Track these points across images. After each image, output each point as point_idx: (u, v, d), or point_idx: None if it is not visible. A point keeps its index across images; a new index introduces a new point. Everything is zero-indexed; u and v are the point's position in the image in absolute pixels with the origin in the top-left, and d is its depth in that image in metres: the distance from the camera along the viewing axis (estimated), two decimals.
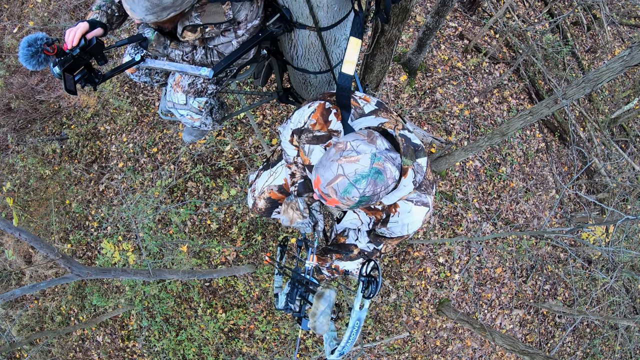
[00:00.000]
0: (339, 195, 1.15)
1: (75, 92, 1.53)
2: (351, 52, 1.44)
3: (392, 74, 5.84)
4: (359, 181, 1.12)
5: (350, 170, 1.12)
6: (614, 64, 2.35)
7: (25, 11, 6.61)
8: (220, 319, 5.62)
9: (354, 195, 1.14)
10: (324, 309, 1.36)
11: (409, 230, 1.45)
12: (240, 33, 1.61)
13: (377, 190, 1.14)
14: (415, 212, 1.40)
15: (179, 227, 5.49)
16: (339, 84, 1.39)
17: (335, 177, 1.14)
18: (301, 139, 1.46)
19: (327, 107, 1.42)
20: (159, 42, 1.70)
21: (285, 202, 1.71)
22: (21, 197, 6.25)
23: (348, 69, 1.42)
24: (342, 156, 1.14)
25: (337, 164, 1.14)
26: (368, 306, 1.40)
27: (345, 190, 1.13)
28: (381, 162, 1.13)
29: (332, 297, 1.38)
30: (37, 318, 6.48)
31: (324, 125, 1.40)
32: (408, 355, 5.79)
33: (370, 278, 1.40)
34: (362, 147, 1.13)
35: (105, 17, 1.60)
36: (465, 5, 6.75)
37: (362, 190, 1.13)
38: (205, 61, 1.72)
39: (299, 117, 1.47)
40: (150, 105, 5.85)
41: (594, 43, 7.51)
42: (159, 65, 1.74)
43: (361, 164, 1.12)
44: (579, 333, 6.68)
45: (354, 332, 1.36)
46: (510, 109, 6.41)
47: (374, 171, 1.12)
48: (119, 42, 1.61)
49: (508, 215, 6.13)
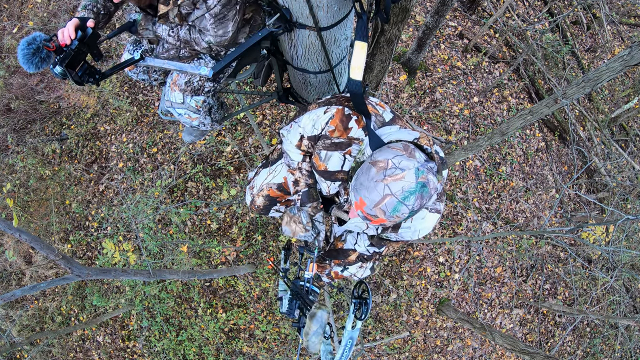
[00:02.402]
0: (387, 215, 1.14)
1: (82, 83, 1.56)
2: (358, 57, 1.39)
3: (392, 73, 5.84)
4: (408, 198, 1.11)
5: (397, 188, 1.11)
6: (614, 63, 2.34)
7: (25, 11, 6.61)
8: (221, 318, 5.62)
9: (403, 212, 1.13)
10: (316, 329, 1.42)
11: (420, 235, 1.46)
12: (211, 3, 1.59)
13: (423, 203, 1.14)
14: (428, 218, 1.42)
15: (179, 227, 5.49)
16: (351, 91, 1.34)
17: (382, 197, 1.12)
18: (317, 145, 1.43)
19: (347, 113, 1.37)
20: (147, 20, 1.72)
21: (287, 214, 1.69)
22: (21, 197, 6.25)
23: (356, 75, 1.37)
24: (386, 175, 1.12)
25: (382, 184, 1.12)
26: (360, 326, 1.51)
27: (394, 209, 1.13)
28: (425, 175, 1.12)
29: (324, 317, 1.44)
30: (38, 318, 6.48)
31: (344, 132, 1.36)
32: (408, 355, 5.79)
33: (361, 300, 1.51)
34: (405, 163, 1.12)
35: (92, 15, 1.64)
36: (465, 5, 6.75)
37: (411, 207, 1.13)
38: (188, 37, 1.73)
39: (314, 123, 1.42)
40: (150, 105, 5.85)
41: (594, 42, 7.51)
42: (158, 64, 1.74)
43: (407, 181, 1.11)
44: (579, 332, 6.68)
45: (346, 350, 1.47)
46: (510, 108, 6.41)
47: (420, 185, 1.12)
48: (111, 34, 1.65)
49: (508, 214, 6.13)
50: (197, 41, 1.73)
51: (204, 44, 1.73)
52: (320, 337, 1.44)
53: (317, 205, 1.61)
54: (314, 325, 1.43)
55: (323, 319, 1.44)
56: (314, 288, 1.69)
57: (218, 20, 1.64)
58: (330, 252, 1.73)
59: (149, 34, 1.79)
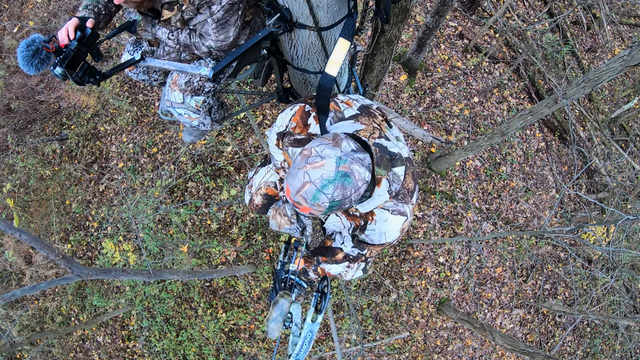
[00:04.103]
0: (309, 202, 1.13)
1: (83, 83, 1.57)
2: (337, 53, 1.39)
3: (392, 73, 5.84)
4: (326, 186, 1.10)
5: (316, 176, 1.10)
6: (614, 63, 2.35)
7: (25, 11, 6.61)
8: (221, 319, 5.62)
9: (323, 201, 1.12)
10: (276, 316, 1.46)
11: (387, 238, 1.43)
12: (214, 9, 1.59)
13: (346, 193, 1.12)
14: (391, 221, 1.38)
15: (179, 227, 5.49)
16: (320, 84, 1.34)
17: (302, 184, 1.12)
18: (284, 142, 1.45)
19: (307, 110, 1.40)
20: (147, 21, 1.72)
21: (273, 208, 1.70)
22: (21, 197, 6.25)
23: (331, 70, 1.37)
24: (307, 163, 1.12)
25: (303, 171, 1.12)
26: (320, 320, 1.54)
27: (314, 197, 1.12)
28: (347, 165, 1.11)
29: (285, 305, 1.47)
30: (38, 318, 6.48)
31: (304, 129, 1.38)
32: (408, 355, 5.79)
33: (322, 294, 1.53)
34: (327, 152, 1.12)
35: (93, 15, 1.63)
36: (465, 5, 6.75)
37: (331, 196, 1.11)
38: (188, 41, 1.73)
39: (282, 120, 1.45)
40: (150, 106, 5.85)
41: (594, 42, 7.51)
42: (158, 64, 1.74)
43: (326, 169, 1.10)
44: (579, 332, 6.68)
45: (306, 342, 1.52)
46: (510, 108, 6.41)
47: (341, 174, 1.10)
48: (110, 34, 1.64)
49: (508, 214, 6.13)
50: (197, 45, 1.73)
51: (204, 49, 1.73)
52: (279, 325, 1.46)
53: None
54: (274, 312, 1.45)
55: (284, 307, 1.46)
56: (299, 282, 1.70)
57: (220, 26, 1.64)
58: (319, 249, 1.74)
59: (148, 36, 1.79)
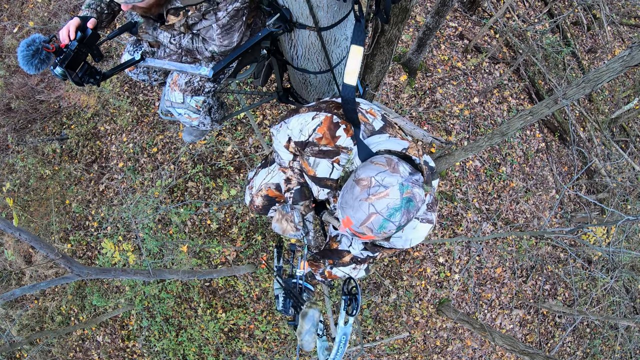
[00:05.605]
0: (375, 232, 1.13)
1: (82, 84, 1.56)
2: (353, 62, 1.35)
3: (392, 74, 5.84)
4: (393, 215, 1.10)
5: (382, 206, 1.10)
6: (614, 64, 2.34)
7: (25, 11, 6.61)
8: (221, 319, 5.62)
9: (390, 229, 1.13)
10: (309, 328, 1.45)
11: (411, 244, 1.46)
12: (220, 15, 1.58)
13: (410, 217, 1.14)
14: (419, 228, 1.41)
15: (179, 227, 5.49)
16: (343, 97, 1.31)
17: (368, 216, 1.11)
18: (305, 152, 1.41)
19: (335, 122, 1.34)
20: (149, 24, 1.70)
21: (279, 212, 1.69)
22: (21, 197, 6.25)
23: (350, 80, 1.33)
24: (370, 194, 1.11)
25: (367, 203, 1.11)
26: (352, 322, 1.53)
27: (381, 227, 1.12)
28: (410, 190, 1.11)
29: (316, 316, 1.46)
30: (37, 318, 6.48)
31: (331, 141, 1.34)
32: (408, 355, 5.79)
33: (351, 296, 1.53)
34: (388, 180, 1.11)
35: (95, 15, 1.61)
36: (465, 5, 6.75)
37: (398, 222, 1.12)
38: (191, 46, 1.71)
39: (301, 128, 1.40)
40: (150, 105, 5.85)
41: (594, 43, 7.51)
42: (158, 64, 1.74)
43: (392, 198, 1.10)
44: (579, 333, 6.68)
45: (341, 346, 1.50)
46: (510, 108, 6.41)
47: (406, 201, 1.11)
48: (111, 34, 1.63)
49: (508, 215, 6.13)
50: (199, 50, 1.72)
51: (207, 53, 1.72)
52: (313, 336, 1.45)
53: (309, 204, 1.61)
54: (306, 325, 1.44)
55: (315, 317, 1.46)
56: (307, 286, 1.70)
57: (225, 31, 1.63)
58: (325, 252, 1.73)
59: (149, 38, 1.78)
